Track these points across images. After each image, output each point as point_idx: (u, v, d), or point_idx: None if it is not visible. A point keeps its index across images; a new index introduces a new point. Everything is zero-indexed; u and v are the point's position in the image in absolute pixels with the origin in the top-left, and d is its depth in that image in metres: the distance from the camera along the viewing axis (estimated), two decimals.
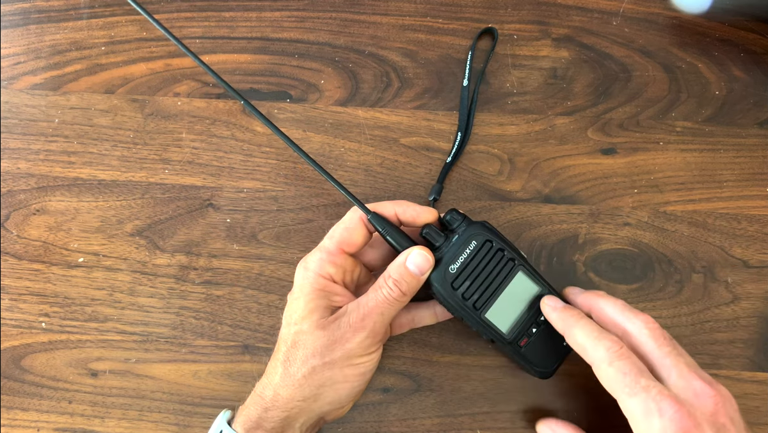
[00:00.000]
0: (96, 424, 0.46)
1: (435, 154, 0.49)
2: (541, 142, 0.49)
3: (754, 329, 0.46)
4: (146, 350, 0.47)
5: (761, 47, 0.50)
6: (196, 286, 0.48)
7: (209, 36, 0.51)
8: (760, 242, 0.47)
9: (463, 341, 0.46)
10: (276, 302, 0.47)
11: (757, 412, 0.45)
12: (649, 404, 0.34)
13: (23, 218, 0.49)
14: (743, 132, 0.49)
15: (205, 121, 0.50)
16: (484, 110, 0.50)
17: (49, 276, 0.48)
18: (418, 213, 0.40)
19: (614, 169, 0.48)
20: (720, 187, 0.48)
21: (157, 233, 0.48)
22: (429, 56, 0.51)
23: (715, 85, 0.50)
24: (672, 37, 0.51)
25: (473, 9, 0.51)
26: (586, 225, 0.48)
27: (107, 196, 0.49)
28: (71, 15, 0.52)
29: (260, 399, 0.38)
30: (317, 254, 0.40)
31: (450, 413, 0.46)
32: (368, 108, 0.50)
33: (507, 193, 0.48)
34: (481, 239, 0.39)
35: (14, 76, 0.51)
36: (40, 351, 0.47)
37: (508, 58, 0.50)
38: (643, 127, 0.49)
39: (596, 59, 0.50)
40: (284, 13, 0.52)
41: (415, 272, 0.37)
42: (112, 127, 0.50)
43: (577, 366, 0.45)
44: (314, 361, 0.37)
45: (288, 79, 0.51)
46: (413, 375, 0.46)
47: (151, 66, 0.51)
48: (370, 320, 0.37)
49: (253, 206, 0.49)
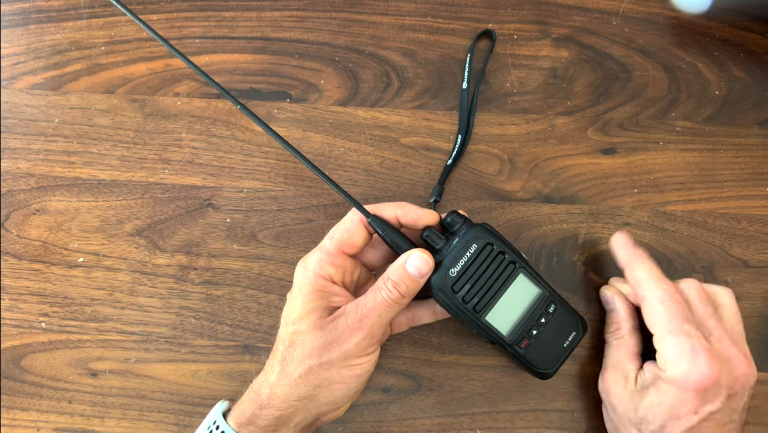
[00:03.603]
0: (96, 424, 0.46)
1: (435, 154, 0.49)
2: (541, 142, 0.49)
3: (754, 329, 0.46)
4: (146, 350, 0.47)
5: (761, 47, 0.50)
6: (196, 286, 0.48)
7: (209, 36, 0.51)
8: (760, 242, 0.47)
9: (463, 340, 0.46)
10: (276, 302, 0.47)
11: (757, 412, 0.45)
12: (685, 346, 0.37)
13: (23, 217, 0.49)
14: (743, 132, 0.49)
15: (204, 121, 0.50)
16: (484, 110, 0.50)
17: (49, 276, 0.48)
18: (419, 216, 0.40)
19: (614, 169, 0.48)
20: (720, 187, 0.48)
21: (157, 233, 0.48)
22: (429, 56, 0.51)
23: (715, 85, 0.50)
24: (672, 37, 0.51)
25: (473, 9, 0.51)
26: (586, 225, 0.48)
27: (107, 196, 0.49)
28: (71, 15, 0.52)
29: (256, 396, 0.38)
30: (317, 254, 0.40)
31: (450, 413, 0.46)
32: (368, 108, 0.50)
33: (507, 193, 0.48)
34: (482, 242, 0.39)
35: (14, 76, 0.51)
36: (40, 351, 0.47)
37: (508, 58, 0.50)
38: (643, 127, 0.49)
39: (596, 59, 0.50)
40: (284, 13, 0.52)
41: (415, 274, 0.37)
42: (112, 127, 0.50)
43: (577, 366, 0.46)
44: (311, 361, 0.37)
45: (288, 79, 0.51)
46: (413, 375, 0.46)
47: (151, 66, 0.51)
48: (368, 321, 0.37)
49: (253, 206, 0.49)
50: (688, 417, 0.37)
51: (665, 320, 0.38)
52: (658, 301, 0.39)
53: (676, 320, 0.38)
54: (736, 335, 0.40)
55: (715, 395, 0.37)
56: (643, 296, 0.40)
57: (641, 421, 0.38)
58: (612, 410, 0.41)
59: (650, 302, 0.39)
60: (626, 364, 0.41)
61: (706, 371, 0.36)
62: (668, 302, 0.38)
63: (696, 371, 0.36)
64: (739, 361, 0.38)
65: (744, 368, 0.38)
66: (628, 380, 0.40)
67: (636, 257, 0.41)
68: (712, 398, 0.37)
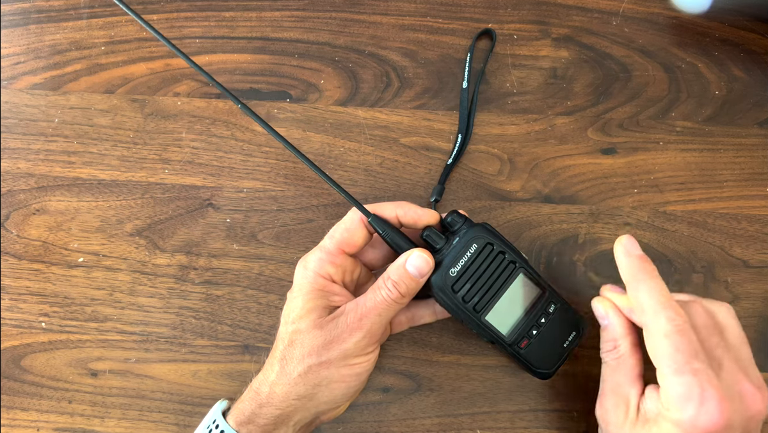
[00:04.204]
0: (96, 424, 0.46)
1: (435, 154, 0.49)
2: (541, 142, 0.49)
3: (754, 329, 0.46)
4: (146, 349, 0.47)
5: (761, 47, 0.50)
6: (196, 286, 0.48)
7: (209, 36, 0.51)
8: (760, 242, 0.47)
9: (463, 340, 0.46)
10: (276, 302, 0.47)
11: None
12: (693, 388, 0.33)
13: (23, 217, 0.49)
14: (743, 132, 0.49)
15: (204, 121, 0.50)
16: (484, 110, 0.50)
17: (49, 276, 0.48)
18: (420, 215, 0.40)
19: (614, 169, 0.48)
20: (720, 187, 0.48)
21: (157, 233, 0.48)
22: (429, 56, 0.51)
23: (715, 85, 0.50)
24: (672, 37, 0.51)
25: (473, 9, 0.51)
26: (586, 225, 0.48)
27: (107, 196, 0.49)
28: (71, 15, 0.52)
29: (255, 395, 0.38)
30: (317, 254, 0.40)
31: (450, 413, 0.46)
32: (368, 108, 0.50)
33: (507, 193, 0.48)
34: (482, 241, 0.39)
35: (14, 76, 0.51)
36: (40, 351, 0.47)
37: (508, 58, 0.50)
38: (643, 127, 0.49)
39: (596, 59, 0.50)
40: (284, 12, 0.52)
41: (415, 274, 0.37)
42: (112, 127, 0.50)
43: (577, 366, 0.46)
44: (310, 360, 0.37)
45: (288, 79, 0.51)
46: (413, 375, 0.46)
47: (151, 66, 0.51)
48: (367, 320, 0.37)
49: (253, 206, 0.49)
50: None
51: (671, 356, 0.34)
52: (663, 334, 0.34)
53: (683, 358, 0.33)
54: (746, 362, 0.36)
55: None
56: (645, 324, 0.36)
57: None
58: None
59: (654, 333, 0.35)
60: (627, 388, 0.37)
61: (716, 417, 0.32)
62: (675, 336, 0.34)
63: (706, 416, 0.32)
64: (753, 397, 0.34)
65: (759, 404, 0.34)
66: (630, 408, 0.36)
67: (641, 274, 0.36)
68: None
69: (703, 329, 0.36)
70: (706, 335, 0.35)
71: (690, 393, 0.33)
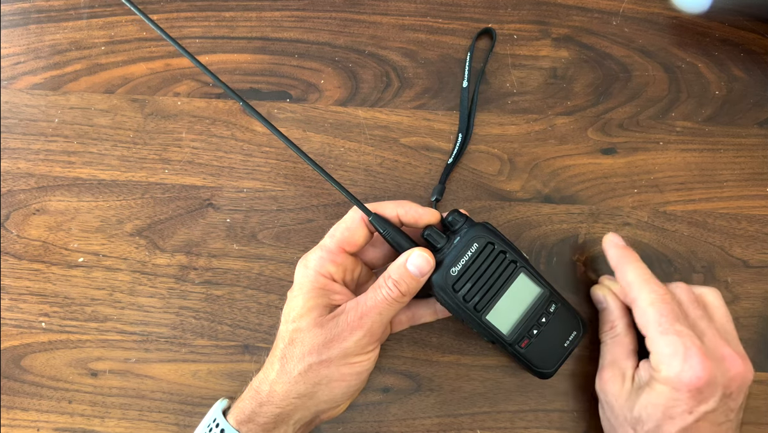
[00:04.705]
0: (96, 424, 0.46)
1: (435, 154, 0.49)
2: (541, 142, 0.49)
3: (754, 329, 0.46)
4: (146, 350, 0.47)
5: (761, 47, 0.50)
6: (196, 286, 0.48)
7: (209, 36, 0.51)
8: (760, 242, 0.47)
9: (463, 340, 0.46)
10: (276, 302, 0.47)
11: (758, 412, 0.45)
12: (677, 345, 0.37)
13: (23, 217, 0.49)
14: (743, 132, 0.49)
15: (204, 121, 0.50)
16: (484, 110, 0.50)
17: (49, 276, 0.48)
18: (420, 214, 0.40)
19: (614, 169, 0.48)
20: (720, 187, 0.48)
21: (157, 233, 0.48)
22: (429, 56, 0.51)
23: (715, 85, 0.50)
24: (672, 37, 0.51)
25: (473, 9, 0.51)
26: (586, 225, 0.48)
27: (107, 196, 0.49)
28: (71, 15, 0.52)
29: (256, 394, 0.38)
30: (318, 252, 0.40)
31: (450, 413, 0.46)
32: (368, 108, 0.50)
33: (507, 193, 0.48)
34: (483, 241, 0.39)
35: (14, 76, 0.51)
36: (40, 351, 0.47)
37: (508, 58, 0.50)
38: (643, 127, 0.49)
39: (596, 59, 0.50)
40: (284, 12, 0.52)
41: (415, 273, 0.37)
42: (112, 127, 0.50)
43: (577, 366, 0.46)
44: (311, 358, 0.37)
45: (288, 79, 0.51)
46: (413, 375, 0.46)
47: (151, 66, 0.51)
48: (368, 319, 0.37)
49: (253, 206, 0.49)
50: (682, 417, 0.37)
51: (656, 320, 0.38)
52: (648, 303, 0.39)
53: (666, 321, 0.38)
54: (729, 335, 0.40)
55: (710, 395, 0.36)
56: (633, 299, 0.40)
57: (637, 421, 0.38)
58: (609, 409, 0.41)
59: (641, 304, 0.39)
60: (623, 362, 0.41)
61: (699, 371, 0.36)
62: (658, 304, 0.38)
63: (689, 370, 0.36)
64: (734, 360, 0.38)
65: (740, 367, 0.38)
66: (626, 379, 0.40)
67: (626, 259, 0.41)
68: (706, 398, 0.36)
69: (687, 303, 0.40)
70: (689, 308, 0.40)
71: (675, 351, 0.37)
